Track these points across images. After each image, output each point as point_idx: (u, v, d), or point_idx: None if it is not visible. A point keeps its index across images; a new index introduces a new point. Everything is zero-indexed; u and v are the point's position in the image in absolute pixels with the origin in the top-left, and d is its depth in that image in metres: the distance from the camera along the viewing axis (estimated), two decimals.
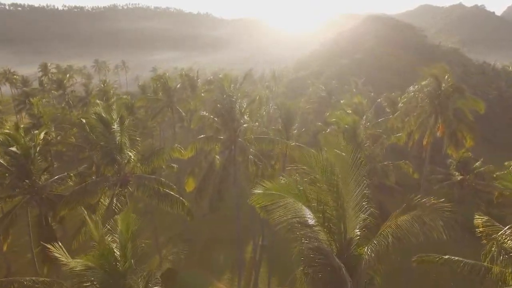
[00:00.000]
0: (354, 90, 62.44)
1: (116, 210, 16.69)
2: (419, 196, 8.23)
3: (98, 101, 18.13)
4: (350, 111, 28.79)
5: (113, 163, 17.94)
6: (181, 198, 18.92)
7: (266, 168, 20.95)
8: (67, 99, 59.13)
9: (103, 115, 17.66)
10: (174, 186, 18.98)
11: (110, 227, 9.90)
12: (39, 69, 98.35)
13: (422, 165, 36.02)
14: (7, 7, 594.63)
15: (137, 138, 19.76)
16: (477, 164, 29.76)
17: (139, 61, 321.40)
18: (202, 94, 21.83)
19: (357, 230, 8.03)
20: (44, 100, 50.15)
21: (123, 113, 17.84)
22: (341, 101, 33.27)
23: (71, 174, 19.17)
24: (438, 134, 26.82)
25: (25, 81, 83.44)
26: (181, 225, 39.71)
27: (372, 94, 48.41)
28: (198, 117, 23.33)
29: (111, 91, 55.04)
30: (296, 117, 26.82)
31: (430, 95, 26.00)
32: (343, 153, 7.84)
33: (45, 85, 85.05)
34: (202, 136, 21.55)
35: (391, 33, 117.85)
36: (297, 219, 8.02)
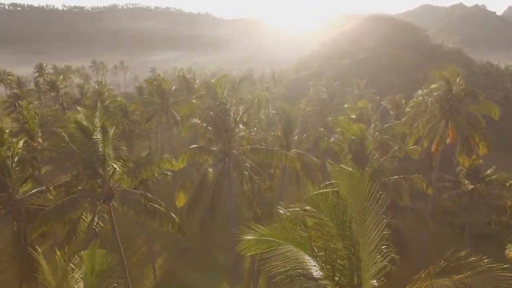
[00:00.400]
0: (356, 91, 60.84)
1: (97, 229, 15.08)
2: (462, 253, 6.48)
3: (79, 108, 16.63)
4: (354, 116, 27.23)
5: (96, 176, 16.30)
6: (171, 213, 17.31)
7: (263, 181, 19.28)
8: (60, 101, 57.48)
9: (84, 123, 16.01)
10: (162, 203, 17.31)
11: (75, 265, 8.25)
12: (35, 70, 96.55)
13: (426, 169, 34.36)
14: (6, 7, 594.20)
15: (124, 148, 18.09)
16: (488, 172, 28.13)
17: (139, 61, 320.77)
18: (194, 101, 20.15)
19: (375, 281, 6.38)
20: (36, 102, 48.46)
21: (104, 122, 16.13)
22: (345, 105, 31.58)
23: (51, 188, 17.53)
24: (448, 140, 25.18)
25: (20, 82, 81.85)
26: (176, 233, 38.16)
27: (378, 97, 46.49)
28: (189, 125, 21.52)
29: (106, 93, 53.40)
30: (296, 123, 25.19)
31: (440, 99, 24.32)
32: (356, 184, 6.18)
33: (41, 86, 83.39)
34: (194, 146, 19.81)
35: (393, 33, 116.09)
36: (300, 270, 6.41)
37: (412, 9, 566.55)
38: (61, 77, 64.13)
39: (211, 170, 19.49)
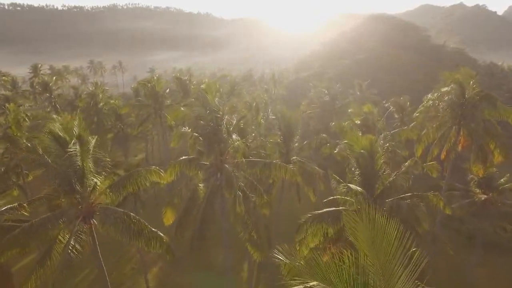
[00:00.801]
0: (358, 93, 59.24)
1: (73, 253, 13.38)
2: None
3: (55, 116, 14.98)
4: (359, 122, 25.56)
5: (73, 192, 14.60)
6: (159, 232, 15.63)
7: (260, 196, 17.40)
8: (53, 103, 55.60)
9: (60, 133, 14.30)
10: (146, 224, 15.57)
11: None
12: (30, 71, 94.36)
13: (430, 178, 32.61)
14: (6, 7, 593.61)
15: (107, 159, 16.40)
16: (502, 180, 26.37)
17: (139, 61, 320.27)
18: (182, 109, 18.42)
19: None
20: (27, 104, 46.62)
21: (81, 132, 14.42)
22: (349, 110, 29.74)
23: (24, 204, 15.80)
24: (459, 148, 23.45)
25: (14, 83, 79.88)
26: (170, 242, 36.46)
27: (384, 102, 44.04)
28: (179, 134, 19.54)
29: (100, 95, 51.56)
30: (297, 128, 23.47)
31: (452, 104, 22.57)
32: (380, 239, 4.47)
33: (36, 87, 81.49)
34: (183, 158, 18.04)
35: (394, 33, 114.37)
36: None
37: (412, 9, 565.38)
38: (54, 78, 61.84)
39: (201, 186, 17.64)
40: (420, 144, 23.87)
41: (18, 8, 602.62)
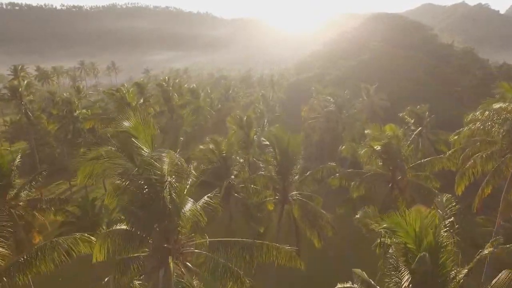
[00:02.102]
0: (365, 98, 53.55)
1: None
2: None
3: None
4: (379, 147, 19.56)
5: None
6: None
7: (241, 284, 11.27)
8: (23, 110, 49.70)
9: None
10: None
11: None
12: (9, 73, 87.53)
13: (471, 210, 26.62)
14: (4, 6, 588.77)
15: (8, 230, 10.58)
16: None
17: (139, 61, 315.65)
18: (106, 160, 12.57)
19: None
20: None
21: None
22: (366, 131, 23.52)
23: None
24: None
25: None
26: None
27: (410, 123, 35.88)
28: (113, 189, 12.01)
29: (77, 102, 45.36)
30: (298, 157, 17.58)
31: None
32: None
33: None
34: (119, 228, 11.52)
35: (397, 32, 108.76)
36: None
37: (413, 8, 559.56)
38: (25, 82, 55.31)
39: (138, 284, 11.37)
40: (463, 179, 17.84)
41: (17, 8, 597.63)
